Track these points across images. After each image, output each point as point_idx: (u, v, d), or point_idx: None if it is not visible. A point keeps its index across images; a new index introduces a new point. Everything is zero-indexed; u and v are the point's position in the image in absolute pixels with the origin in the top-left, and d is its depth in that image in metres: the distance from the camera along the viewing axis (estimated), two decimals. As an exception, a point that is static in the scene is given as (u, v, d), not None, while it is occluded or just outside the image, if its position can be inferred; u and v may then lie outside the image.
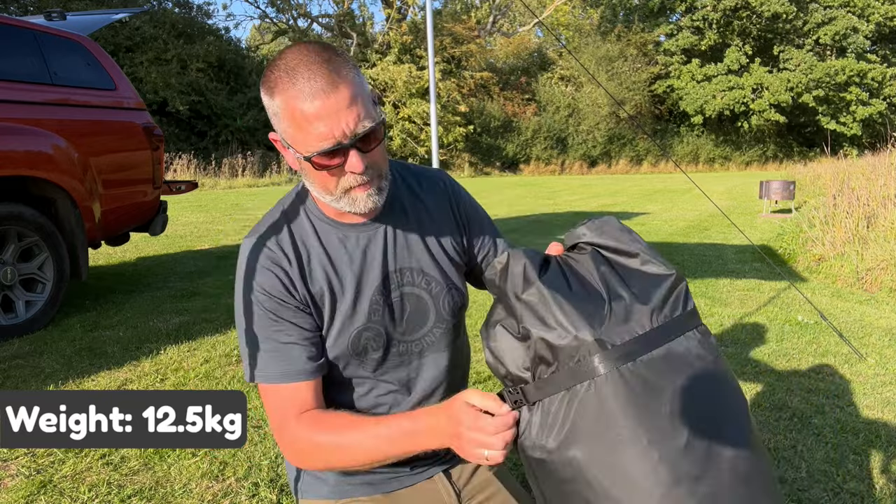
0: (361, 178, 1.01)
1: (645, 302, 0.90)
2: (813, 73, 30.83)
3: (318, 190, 1.05)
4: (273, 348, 1.08)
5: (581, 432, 0.84)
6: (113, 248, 6.34)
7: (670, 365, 0.86)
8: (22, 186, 3.79)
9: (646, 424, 0.82)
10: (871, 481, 2.17)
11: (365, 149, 0.99)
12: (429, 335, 1.20)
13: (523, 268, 0.94)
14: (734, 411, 0.90)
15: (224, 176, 17.59)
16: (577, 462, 0.84)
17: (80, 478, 2.12)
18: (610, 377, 0.84)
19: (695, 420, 0.83)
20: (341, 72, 0.96)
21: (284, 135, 1.01)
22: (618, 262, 0.98)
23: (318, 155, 0.97)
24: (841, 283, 5.40)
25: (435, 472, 1.25)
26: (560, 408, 0.86)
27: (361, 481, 1.20)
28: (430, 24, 3.50)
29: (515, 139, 29.32)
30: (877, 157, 11.20)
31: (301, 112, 0.95)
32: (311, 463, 1.09)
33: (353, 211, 1.06)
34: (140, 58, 18.87)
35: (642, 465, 0.80)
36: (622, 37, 33.02)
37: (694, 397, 0.85)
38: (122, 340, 3.59)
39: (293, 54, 0.97)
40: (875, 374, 3.19)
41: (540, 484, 0.91)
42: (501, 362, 0.94)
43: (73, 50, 4.28)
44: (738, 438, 0.86)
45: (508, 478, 1.31)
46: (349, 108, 0.95)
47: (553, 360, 0.87)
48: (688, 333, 0.91)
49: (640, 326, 0.87)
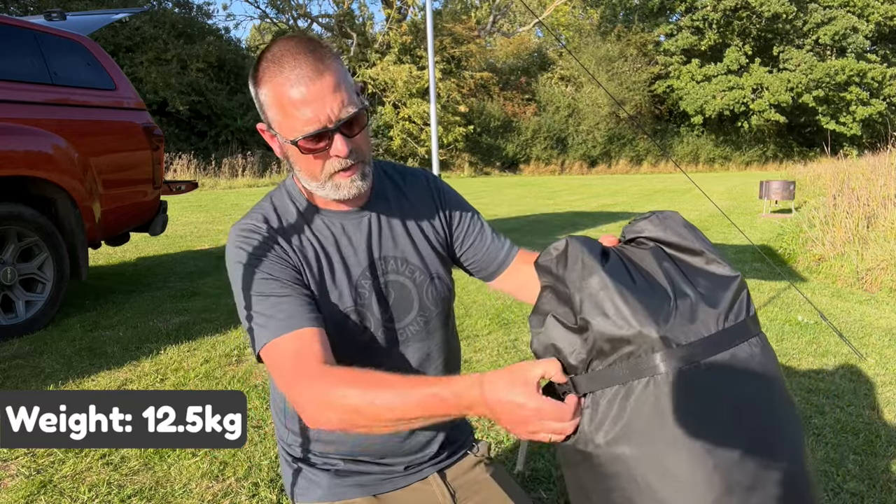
0: (345, 161, 1.05)
1: (713, 304, 0.86)
2: (813, 73, 30.84)
3: (305, 176, 1.09)
4: (273, 304, 1.05)
5: (634, 430, 0.81)
6: (113, 248, 6.34)
7: (733, 371, 0.83)
8: (22, 186, 3.79)
9: (703, 429, 0.79)
10: (871, 481, 2.17)
11: (349, 133, 1.04)
12: (412, 324, 1.20)
13: (585, 255, 0.89)
14: (791, 424, 0.87)
15: (224, 176, 17.58)
16: (626, 459, 0.81)
17: (80, 478, 2.12)
18: (671, 377, 0.80)
19: (752, 430, 0.81)
20: (325, 60, 1.01)
21: (272, 123, 1.06)
22: (681, 260, 0.93)
23: (304, 139, 1.01)
24: (841, 283, 5.40)
25: (429, 473, 1.25)
26: (613, 402, 0.83)
27: (355, 482, 1.20)
28: (430, 24, 3.50)
29: (515, 139, 29.32)
30: (877, 157, 11.20)
31: (288, 98, 1.00)
32: (328, 419, 0.96)
33: (338, 197, 1.09)
34: (140, 58, 18.86)
35: (696, 470, 0.78)
36: (622, 37, 33.02)
37: (753, 406, 0.83)
38: (122, 340, 3.59)
39: (278, 46, 1.02)
40: (875, 374, 3.19)
41: (580, 475, 0.88)
42: (552, 353, 0.90)
43: (73, 50, 4.28)
44: (792, 453, 0.84)
45: (504, 478, 1.30)
46: (333, 94, 1.00)
47: (611, 353, 0.84)
48: (752, 340, 0.87)
49: (706, 328, 0.83)
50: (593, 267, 0.87)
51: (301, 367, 0.99)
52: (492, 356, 3.42)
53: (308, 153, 1.03)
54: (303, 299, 1.07)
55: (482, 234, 1.31)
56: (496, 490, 1.25)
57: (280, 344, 1.02)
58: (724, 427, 0.80)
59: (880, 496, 2.09)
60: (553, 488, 2.11)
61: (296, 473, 1.23)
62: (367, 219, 1.18)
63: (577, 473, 0.89)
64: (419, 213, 1.24)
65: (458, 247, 1.30)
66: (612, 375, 0.83)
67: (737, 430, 0.80)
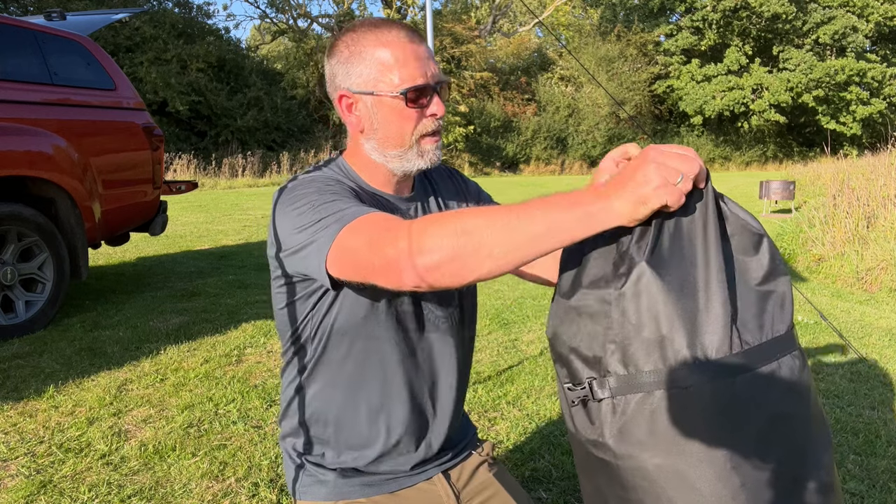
0: (438, 122, 1.10)
1: (758, 312, 0.79)
2: (813, 72, 30.82)
3: (389, 140, 1.09)
4: (344, 205, 0.96)
5: (659, 440, 0.76)
6: (113, 248, 6.34)
7: (770, 386, 0.77)
8: (22, 186, 3.79)
9: (733, 446, 0.74)
10: (871, 481, 2.17)
11: (443, 97, 1.09)
12: (450, 317, 1.21)
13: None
14: (822, 445, 0.82)
15: (224, 176, 17.56)
16: (647, 471, 0.77)
17: (80, 478, 2.12)
18: (704, 389, 0.74)
19: (784, 450, 0.77)
20: (419, 32, 1.09)
21: (367, 83, 1.06)
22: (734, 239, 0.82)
23: (412, 89, 1.04)
24: (841, 283, 5.40)
25: (434, 473, 1.25)
26: (638, 410, 0.77)
27: (361, 482, 1.20)
28: (430, 24, 3.50)
29: (515, 139, 29.30)
30: (877, 157, 11.20)
31: (396, 55, 1.04)
32: (439, 246, 0.79)
33: (420, 166, 1.11)
34: (140, 58, 18.83)
35: (721, 488, 0.74)
36: (622, 37, 33.00)
37: (787, 425, 0.78)
38: (122, 340, 3.59)
39: (372, 20, 1.10)
40: (875, 374, 3.19)
41: (599, 483, 0.84)
42: (573, 348, 0.82)
43: (73, 50, 4.28)
44: (822, 475, 0.80)
45: (508, 478, 1.30)
46: (430, 58, 1.08)
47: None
48: (793, 353, 0.80)
49: (745, 340, 0.77)
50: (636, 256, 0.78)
51: (391, 220, 0.89)
52: (492, 356, 3.42)
53: (412, 106, 1.05)
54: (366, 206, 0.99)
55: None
56: (499, 490, 1.25)
57: (356, 225, 0.91)
58: (754, 444, 0.75)
59: (880, 496, 2.09)
60: (553, 488, 2.11)
61: (300, 471, 1.22)
62: (416, 206, 1.20)
63: (593, 481, 0.85)
64: (451, 205, 1.27)
65: None
66: (640, 382, 0.77)
67: (767, 448, 0.76)
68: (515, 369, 3.19)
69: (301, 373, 1.20)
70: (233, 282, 5.16)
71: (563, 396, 0.85)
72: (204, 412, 2.66)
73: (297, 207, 1.00)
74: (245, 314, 4.17)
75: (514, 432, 2.51)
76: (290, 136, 22.30)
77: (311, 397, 1.20)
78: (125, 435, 2.45)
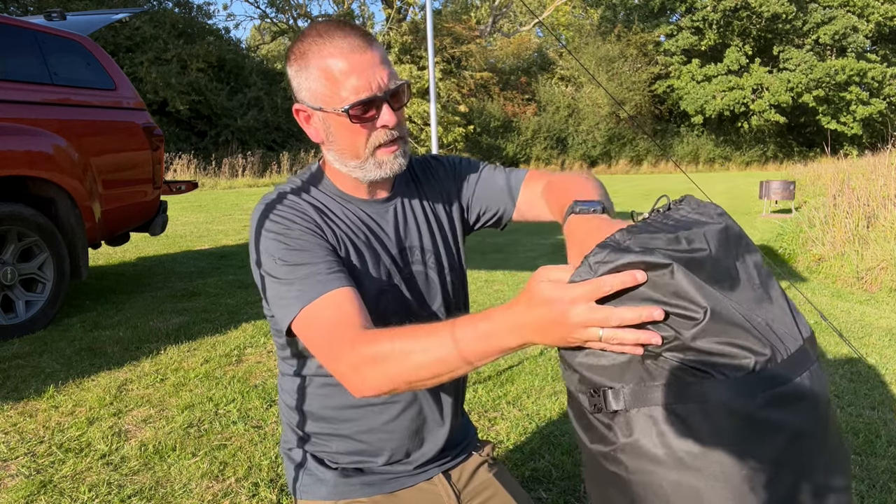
0: (392, 133, 1.06)
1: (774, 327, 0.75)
2: (813, 72, 30.82)
3: (346, 154, 1.08)
4: (308, 273, 1.00)
5: (672, 457, 0.72)
6: (113, 248, 6.34)
7: (793, 403, 0.73)
8: (22, 186, 3.79)
9: (750, 466, 0.71)
10: (871, 481, 2.17)
11: (395, 105, 1.05)
12: (436, 315, 1.20)
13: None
14: (840, 465, 0.79)
15: (224, 176, 17.56)
16: (659, 487, 0.73)
17: (80, 478, 2.12)
18: (724, 407, 0.71)
19: (802, 471, 0.74)
20: (369, 36, 1.05)
21: (315, 98, 1.05)
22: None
23: (355, 106, 1.01)
24: (841, 283, 5.40)
25: (434, 474, 1.25)
26: (654, 423, 0.73)
27: (361, 482, 1.20)
28: (430, 24, 3.50)
29: (515, 139, 29.32)
30: (877, 156, 11.20)
31: (339, 67, 1.01)
32: (376, 380, 0.89)
33: (379, 175, 1.08)
34: (140, 58, 18.83)
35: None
36: (622, 37, 33.00)
37: (807, 444, 0.74)
38: (122, 340, 3.59)
39: (322, 24, 1.06)
40: (875, 374, 3.19)
41: (610, 495, 0.80)
42: (588, 365, 0.78)
43: (73, 50, 4.28)
44: (839, 491, 0.77)
45: (508, 479, 1.30)
46: (381, 65, 1.03)
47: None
48: (812, 367, 0.76)
49: (778, 351, 0.73)
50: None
51: (337, 333, 0.94)
52: (492, 356, 3.42)
53: (357, 122, 1.03)
54: (337, 262, 1.03)
55: (492, 179, 1.28)
56: (500, 490, 1.25)
57: (314, 310, 0.97)
58: (773, 465, 0.72)
59: (880, 496, 2.09)
60: (553, 488, 2.11)
61: (300, 471, 1.22)
62: (393, 208, 1.19)
63: (604, 492, 0.81)
64: (436, 198, 1.25)
65: (474, 210, 1.29)
66: (654, 396, 0.73)
67: (785, 470, 0.72)
68: (515, 369, 3.19)
69: (299, 372, 1.20)
70: (233, 282, 5.16)
71: (574, 406, 0.82)
72: (204, 412, 2.66)
73: (272, 255, 1.04)
74: (245, 314, 4.17)
75: (514, 432, 2.51)
76: (290, 136, 22.29)
77: (311, 396, 1.20)
78: (125, 435, 2.45)
